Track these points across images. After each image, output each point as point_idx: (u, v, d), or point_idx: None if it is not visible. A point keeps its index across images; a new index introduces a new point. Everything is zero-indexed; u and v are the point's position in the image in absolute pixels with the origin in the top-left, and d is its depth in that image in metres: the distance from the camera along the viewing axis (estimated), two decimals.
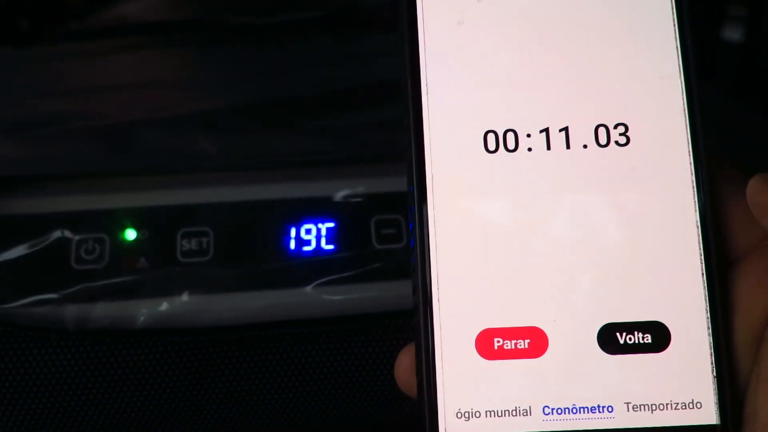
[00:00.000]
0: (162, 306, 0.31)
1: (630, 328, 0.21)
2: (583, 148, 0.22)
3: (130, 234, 0.32)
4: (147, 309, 0.31)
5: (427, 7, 0.22)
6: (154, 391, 0.31)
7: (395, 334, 0.31)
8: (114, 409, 0.31)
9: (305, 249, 0.32)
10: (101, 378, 0.30)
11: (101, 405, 0.30)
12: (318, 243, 0.33)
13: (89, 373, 0.30)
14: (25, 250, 0.32)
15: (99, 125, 0.37)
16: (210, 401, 0.31)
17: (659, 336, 0.21)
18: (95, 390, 0.30)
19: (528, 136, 0.22)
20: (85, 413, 0.30)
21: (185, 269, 0.32)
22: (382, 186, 0.34)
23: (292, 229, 0.33)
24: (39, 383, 0.30)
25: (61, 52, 0.42)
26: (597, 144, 0.22)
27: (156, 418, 0.31)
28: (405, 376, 0.22)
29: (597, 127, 0.22)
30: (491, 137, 0.22)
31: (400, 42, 0.23)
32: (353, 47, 0.42)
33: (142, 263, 0.32)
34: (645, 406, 0.21)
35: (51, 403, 0.30)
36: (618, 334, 0.21)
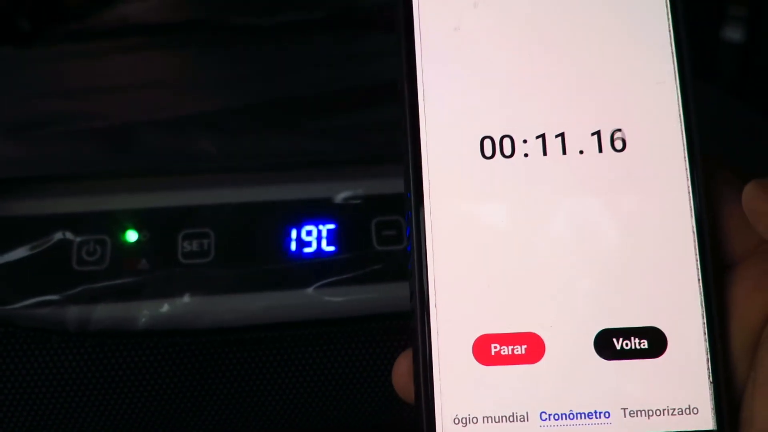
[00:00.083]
0: (163, 307, 0.31)
1: (626, 333, 0.21)
2: (580, 153, 0.22)
3: (131, 235, 0.32)
4: (148, 310, 0.31)
5: (424, 13, 0.22)
6: (155, 393, 0.31)
7: (396, 335, 0.31)
8: (115, 410, 0.31)
9: (306, 250, 0.32)
10: (102, 379, 0.30)
11: (102, 406, 0.31)
12: (319, 244, 0.33)
13: (90, 375, 0.30)
14: (27, 251, 0.32)
15: (100, 126, 0.37)
16: (211, 402, 0.31)
17: (656, 341, 0.21)
18: (96, 391, 0.30)
19: (524, 141, 0.22)
20: (87, 414, 0.31)
21: (186, 270, 0.32)
22: (382, 187, 0.34)
23: (292, 231, 0.33)
24: (40, 384, 0.30)
25: (62, 52, 0.42)
26: (593, 149, 0.22)
27: (157, 419, 0.31)
28: (402, 381, 0.22)
29: (593, 133, 0.22)
30: (488, 143, 0.22)
31: (397, 47, 0.23)
32: (354, 47, 0.42)
33: (143, 264, 0.32)
34: (642, 411, 0.21)
35: (52, 405, 0.30)
36: (615, 339, 0.21)
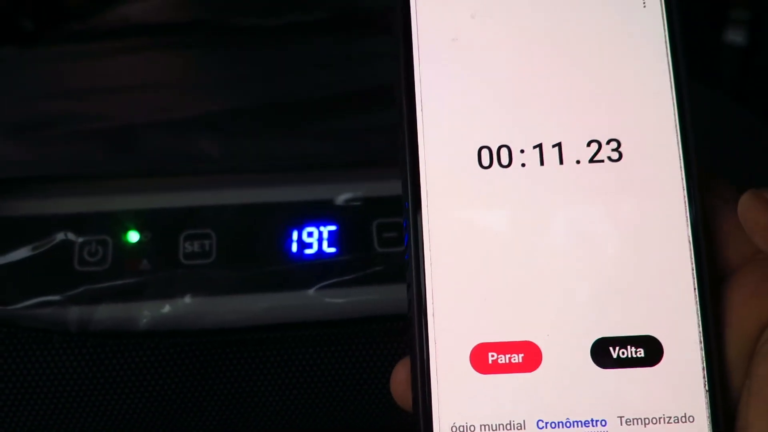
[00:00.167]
0: (164, 308, 0.31)
1: (623, 342, 0.21)
2: (576, 163, 0.22)
3: (132, 236, 0.32)
4: (149, 311, 0.31)
5: (422, 24, 0.23)
6: (156, 393, 0.31)
7: (396, 337, 0.31)
8: (116, 411, 0.31)
9: (307, 252, 0.33)
10: (104, 379, 0.30)
11: (104, 406, 0.31)
12: (320, 246, 0.33)
13: (92, 375, 0.30)
14: (28, 252, 0.32)
15: (101, 126, 0.37)
16: (212, 403, 0.31)
17: (652, 350, 0.21)
18: (98, 391, 0.30)
19: (522, 151, 0.22)
20: (88, 414, 0.31)
21: (188, 271, 0.32)
22: (383, 189, 0.34)
23: (294, 232, 0.33)
24: (42, 385, 0.30)
25: (64, 52, 0.42)
26: (590, 159, 0.22)
27: (158, 419, 0.31)
28: (401, 390, 0.22)
29: (590, 143, 0.22)
30: (485, 153, 0.22)
31: (395, 57, 0.23)
32: (356, 49, 0.42)
33: (144, 265, 0.32)
34: (638, 419, 0.21)
35: (54, 405, 0.30)
36: (611, 348, 0.21)
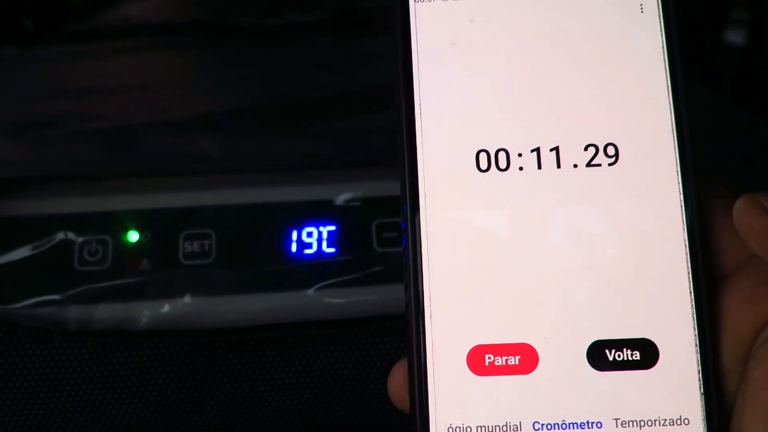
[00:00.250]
0: (164, 308, 0.31)
1: (619, 345, 0.21)
2: (574, 167, 0.22)
3: (132, 236, 0.32)
4: (149, 311, 0.31)
5: (421, 28, 0.23)
6: (156, 393, 0.31)
7: (396, 337, 0.31)
8: (116, 410, 0.31)
9: (307, 252, 0.33)
10: (103, 379, 0.30)
11: (103, 406, 0.31)
12: (319, 246, 0.33)
13: (91, 374, 0.30)
14: (29, 251, 0.32)
15: (102, 126, 0.37)
16: (211, 403, 0.31)
17: (648, 353, 0.21)
18: (97, 391, 0.30)
19: (519, 155, 0.22)
20: (88, 414, 0.31)
21: (188, 271, 0.32)
22: (383, 189, 0.34)
23: (293, 232, 0.33)
24: (41, 384, 0.30)
25: (64, 52, 0.42)
26: (587, 163, 0.22)
27: (158, 419, 0.31)
28: (398, 391, 0.22)
29: (587, 147, 0.22)
30: (483, 156, 0.22)
31: (394, 61, 0.23)
32: (356, 49, 0.42)
33: (144, 265, 0.32)
34: (634, 422, 0.21)
35: (53, 404, 0.30)
36: (607, 350, 0.21)
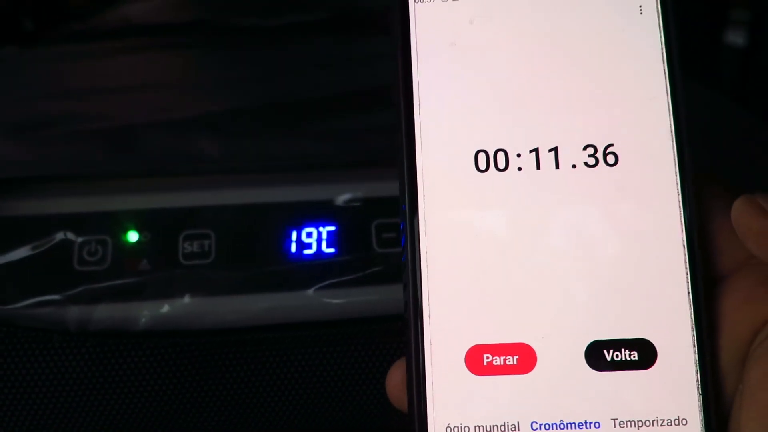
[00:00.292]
0: (164, 308, 0.31)
1: (617, 345, 0.21)
2: (572, 167, 0.22)
3: (132, 236, 0.32)
4: (149, 311, 0.31)
5: (421, 28, 0.23)
6: (155, 393, 0.31)
7: (395, 337, 0.31)
8: (115, 411, 0.31)
9: (306, 252, 0.33)
10: (103, 379, 0.30)
11: (103, 406, 0.31)
12: (319, 246, 0.33)
13: (91, 375, 0.30)
14: (28, 251, 0.32)
15: (101, 126, 0.37)
16: (211, 403, 0.31)
17: (646, 353, 0.21)
18: (97, 391, 0.30)
19: (518, 155, 0.22)
20: (87, 414, 0.31)
21: (187, 271, 0.32)
22: (383, 190, 0.34)
23: (293, 233, 0.33)
24: (41, 384, 0.30)
25: (64, 52, 0.42)
26: (586, 164, 0.22)
27: (157, 419, 0.31)
28: (396, 391, 0.22)
29: (586, 147, 0.22)
30: (482, 156, 0.22)
31: (393, 61, 0.23)
32: (356, 49, 0.42)
33: (144, 265, 0.32)
34: (631, 422, 0.21)
35: (53, 404, 0.30)
36: (605, 351, 0.21)
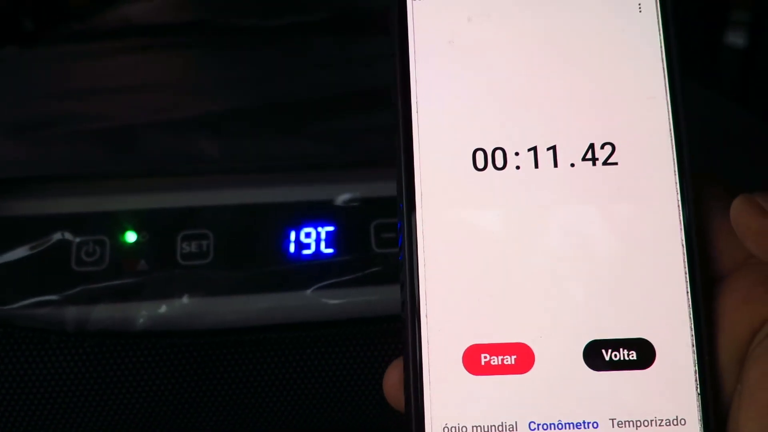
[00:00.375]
0: (162, 308, 0.31)
1: (615, 345, 0.21)
2: (571, 166, 0.22)
3: (130, 236, 0.32)
4: (147, 311, 0.31)
5: (419, 26, 0.23)
6: (153, 393, 0.31)
7: (394, 337, 0.31)
8: (113, 411, 0.31)
9: (305, 252, 0.33)
10: (101, 379, 0.30)
11: (100, 406, 0.31)
12: (317, 246, 0.33)
13: (89, 375, 0.30)
14: (26, 251, 0.32)
15: (100, 127, 0.37)
16: (209, 403, 0.31)
17: (644, 353, 0.21)
18: (95, 391, 0.30)
19: (516, 154, 0.22)
20: (85, 414, 0.31)
21: (185, 272, 0.32)
22: (381, 190, 0.34)
23: (291, 233, 0.33)
24: (39, 384, 0.30)
25: (64, 53, 0.42)
26: (584, 162, 0.22)
27: (155, 420, 0.31)
28: (393, 390, 0.22)
29: (584, 146, 0.22)
30: (480, 155, 0.22)
31: (391, 59, 0.23)
32: (356, 50, 0.42)
33: (142, 265, 0.32)
34: (630, 422, 0.21)
35: (50, 405, 0.30)
36: (604, 350, 0.21)
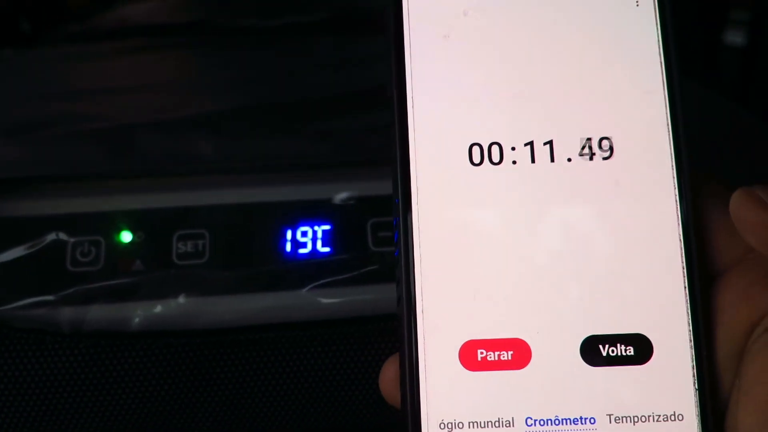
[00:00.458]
0: (157, 308, 0.31)
1: (613, 340, 0.21)
2: (567, 161, 0.22)
3: (125, 236, 0.32)
4: (142, 311, 0.31)
5: (414, 21, 0.23)
6: (149, 394, 0.31)
7: (391, 336, 0.31)
8: (109, 411, 0.31)
9: (301, 251, 0.32)
10: (96, 380, 0.30)
11: (97, 407, 0.31)
12: (314, 245, 0.33)
13: (84, 376, 0.30)
14: (21, 252, 0.32)
15: (97, 127, 0.37)
16: (205, 403, 0.31)
17: (642, 348, 0.21)
18: (90, 392, 0.30)
19: (512, 149, 0.22)
20: (81, 415, 0.31)
21: (181, 272, 0.32)
22: (378, 189, 0.33)
23: (288, 232, 0.33)
24: (34, 385, 0.30)
25: (64, 53, 0.42)
26: (581, 157, 0.22)
27: (151, 420, 0.31)
28: (389, 386, 0.22)
29: (581, 141, 0.22)
30: (476, 150, 0.22)
31: (387, 54, 0.23)
32: (353, 50, 0.42)
33: (137, 265, 0.32)
34: (627, 417, 0.21)
35: (46, 406, 0.30)
36: (601, 346, 0.21)
